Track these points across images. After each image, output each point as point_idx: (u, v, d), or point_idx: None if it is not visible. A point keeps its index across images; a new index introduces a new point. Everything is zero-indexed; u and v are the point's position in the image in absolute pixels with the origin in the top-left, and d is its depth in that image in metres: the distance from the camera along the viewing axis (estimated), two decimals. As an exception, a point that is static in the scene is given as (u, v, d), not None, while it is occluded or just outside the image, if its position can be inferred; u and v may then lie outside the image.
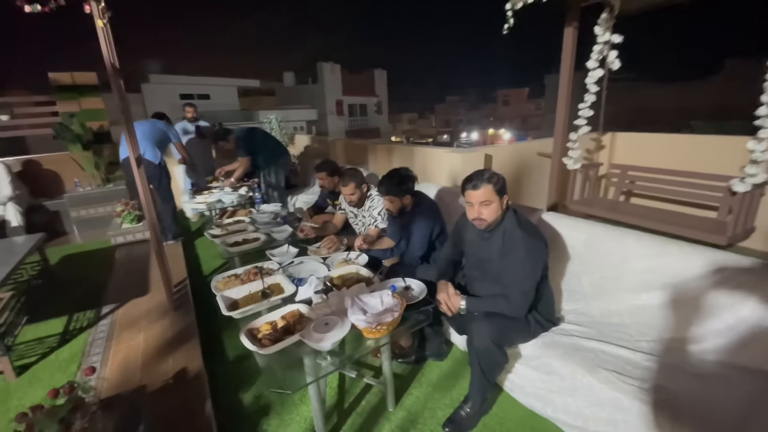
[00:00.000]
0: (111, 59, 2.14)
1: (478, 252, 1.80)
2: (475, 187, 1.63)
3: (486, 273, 1.78)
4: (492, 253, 1.71)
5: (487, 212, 1.63)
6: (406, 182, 2.21)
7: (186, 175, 4.89)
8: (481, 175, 1.64)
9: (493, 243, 1.71)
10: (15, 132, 4.29)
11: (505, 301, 1.62)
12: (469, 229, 1.78)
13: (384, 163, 4.10)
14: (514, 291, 1.61)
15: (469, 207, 1.69)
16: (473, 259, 1.85)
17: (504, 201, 1.67)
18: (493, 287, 1.75)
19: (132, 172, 2.32)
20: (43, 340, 2.28)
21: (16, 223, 3.76)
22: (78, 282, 3.10)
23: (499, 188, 1.63)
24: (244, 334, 1.53)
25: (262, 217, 3.08)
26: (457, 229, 1.95)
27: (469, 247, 1.87)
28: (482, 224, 1.66)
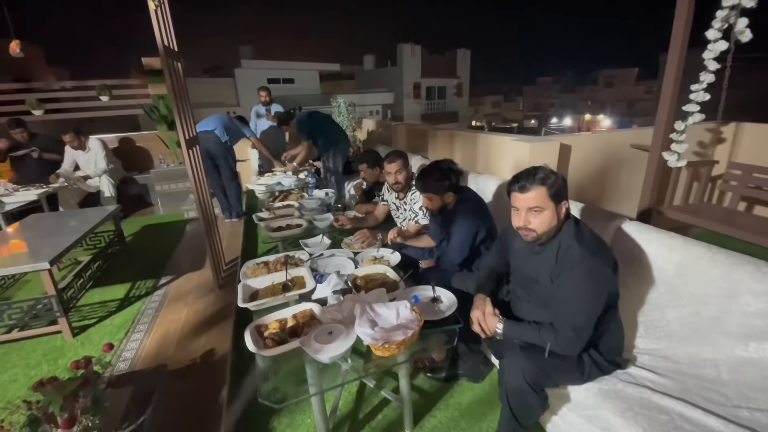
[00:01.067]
0: (165, 41, 2.18)
1: (524, 267, 1.47)
2: (523, 189, 1.30)
3: (532, 294, 1.45)
4: (541, 272, 1.38)
5: (536, 222, 1.31)
6: (447, 178, 1.91)
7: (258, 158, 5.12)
8: (533, 174, 1.30)
9: (543, 259, 1.37)
10: (114, 112, 4.86)
11: (553, 334, 1.29)
12: (518, 237, 1.45)
13: (444, 150, 3.78)
14: (564, 324, 1.27)
15: (514, 213, 1.37)
16: (519, 275, 1.52)
17: (561, 208, 1.32)
18: (539, 313, 1.42)
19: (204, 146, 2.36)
20: (105, 304, 2.52)
21: (108, 194, 4.28)
22: (148, 251, 3.41)
23: (554, 192, 1.28)
24: (250, 330, 1.44)
25: (309, 203, 3.03)
26: (503, 236, 1.63)
27: (515, 260, 1.55)
28: (529, 236, 1.34)
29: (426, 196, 1.96)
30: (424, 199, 2.00)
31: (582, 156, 2.89)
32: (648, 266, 1.62)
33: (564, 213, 1.33)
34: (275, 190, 3.82)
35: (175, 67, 2.31)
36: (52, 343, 2.14)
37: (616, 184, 3.14)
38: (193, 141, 2.49)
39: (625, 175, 3.11)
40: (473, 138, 3.24)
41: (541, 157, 2.55)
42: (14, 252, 2.26)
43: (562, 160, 2.73)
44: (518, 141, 2.61)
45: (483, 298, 1.49)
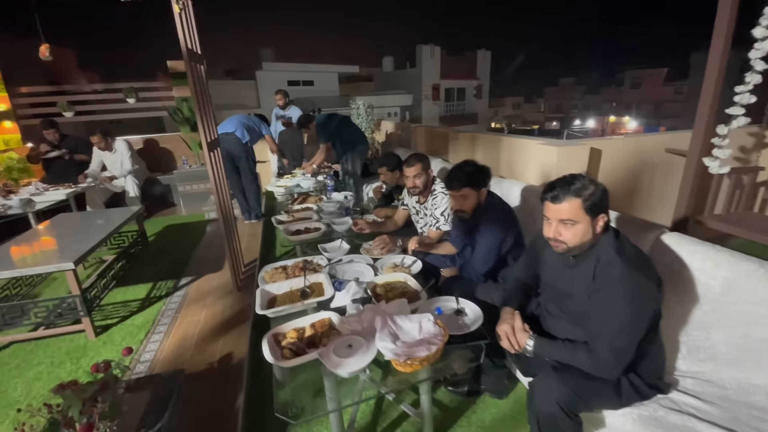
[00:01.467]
0: (189, 44, 2.18)
1: (557, 282, 1.38)
2: (556, 200, 1.22)
3: (565, 311, 1.36)
4: (576, 288, 1.29)
5: (568, 234, 1.22)
6: (484, 174, 1.84)
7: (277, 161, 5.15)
8: (568, 183, 1.21)
9: (579, 274, 1.28)
10: (139, 114, 4.99)
11: (588, 355, 1.20)
12: (549, 249, 1.37)
13: (465, 153, 3.69)
14: (601, 345, 1.17)
15: (546, 222, 1.29)
16: (551, 289, 1.43)
17: (598, 222, 1.22)
18: (573, 330, 1.33)
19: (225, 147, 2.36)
20: (127, 304, 2.55)
21: (133, 194, 4.38)
22: (170, 251, 3.45)
23: (591, 205, 1.19)
24: (267, 338, 1.40)
25: (328, 206, 3.00)
26: (534, 246, 1.54)
27: (546, 273, 1.46)
28: (559, 247, 1.26)
29: (462, 194, 1.84)
30: (458, 198, 1.87)
31: (613, 161, 2.76)
32: (691, 282, 1.50)
33: (601, 227, 1.24)
34: (294, 192, 3.82)
35: (198, 69, 2.31)
36: (75, 341, 2.17)
37: (648, 191, 2.98)
38: (214, 144, 2.49)
39: (659, 181, 2.95)
40: (496, 141, 3.14)
41: (569, 162, 2.45)
42: (43, 250, 2.32)
43: (591, 165, 2.60)
44: (545, 145, 2.51)
45: (511, 312, 1.41)
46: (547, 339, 1.30)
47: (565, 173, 1.33)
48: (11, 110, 4.69)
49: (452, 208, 1.97)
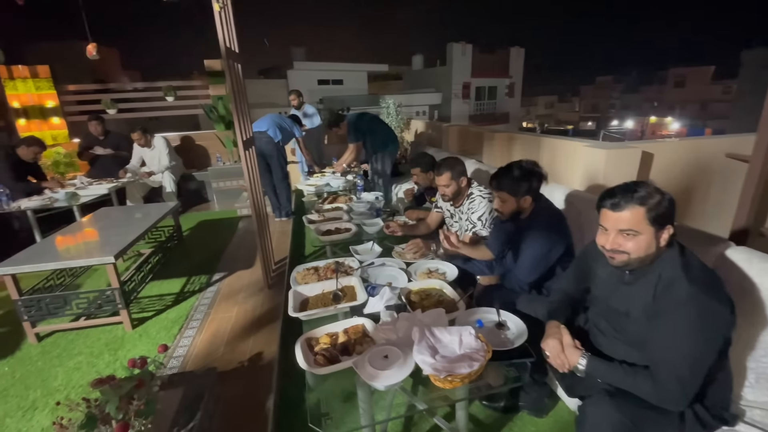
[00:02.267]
0: (227, 43, 2.19)
1: (610, 298, 1.27)
2: (616, 207, 1.11)
3: (620, 331, 1.24)
4: (633, 307, 1.17)
5: (630, 245, 1.11)
6: (529, 179, 1.70)
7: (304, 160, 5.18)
8: (631, 191, 1.10)
9: (637, 292, 1.17)
10: (177, 111, 5.14)
11: (650, 383, 1.08)
12: (602, 262, 1.26)
13: (501, 154, 3.56)
14: (666, 373, 1.06)
15: (601, 232, 1.18)
16: (602, 306, 1.31)
17: (663, 235, 1.10)
18: (629, 352, 1.21)
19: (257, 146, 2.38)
20: (162, 297, 2.60)
21: (169, 189, 4.51)
22: (203, 247, 3.52)
23: (656, 216, 1.08)
24: (300, 343, 1.37)
25: (358, 207, 2.96)
26: (584, 257, 1.42)
27: (598, 288, 1.34)
28: (617, 258, 1.14)
29: (499, 197, 1.74)
30: (496, 200, 1.79)
31: (666, 166, 2.56)
32: (761, 303, 1.35)
33: (666, 240, 1.12)
34: (324, 192, 3.82)
35: (236, 68, 2.32)
36: (113, 333, 2.23)
37: (702, 199, 2.75)
38: (249, 142, 2.50)
39: (716, 189, 2.72)
40: (536, 142, 3.00)
41: (618, 166, 2.28)
42: (86, 243, 2.41)
43: (642, 170, 2.42)
44: (593, 147, 2.35)
45: (557, 326, 1.30)
46: (603, 360, 1.19)
47: (613, 178, 1.22)
48: (59, 107, 4.95)
49: (495, 207, 1.86)
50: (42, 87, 4.83)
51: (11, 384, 1.88)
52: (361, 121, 4.01)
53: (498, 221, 1.87)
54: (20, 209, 3.25)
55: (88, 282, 2.92)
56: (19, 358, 2.08)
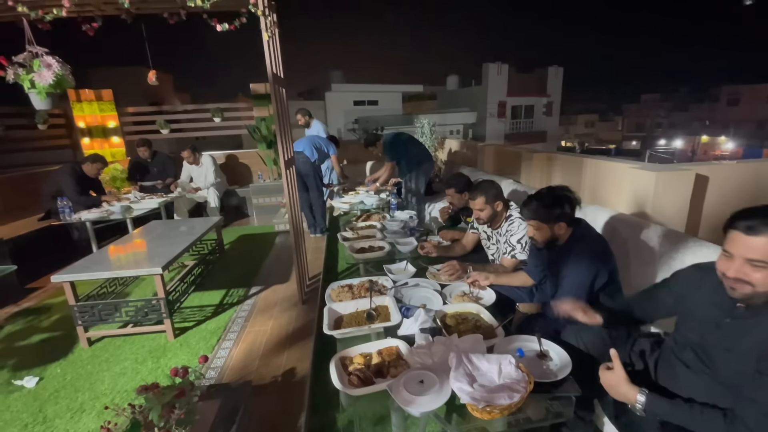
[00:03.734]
0: (274, 69, 2.32)
1: (708, 331, 1.13)
2: (752, 231, 0.96)
3: (712, 366, 1.12)
4: (741, 344, 1.04)
5: (756, 276, 0.97)
6: (560, 205, 1.66)
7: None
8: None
9: (751, 329, 1.03)
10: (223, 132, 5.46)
11: (724, 424, 0.97)
12: (705, 290, 1.14)
13: (540, 175, 3.46)
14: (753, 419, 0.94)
15: (724, 257, 1.04)
16: (695, 337, 1.18)
17: None
18: (713, 389, 1.10)
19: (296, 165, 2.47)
20: (203, 308, 2.70)
21: (213, 204, 4.75)
22: (242, 260, 3.64)
23: None
24: (334, 361, 1.37)
25: (392, 225, 2.97)
26: (677, 284, 1.27)
27: (692, 318, 1.20)
28: (739, 291, 1.00)
29: (532, 224, 1.71)
30: (529, 228, 1.75)
31: (723, 190, 2.38)
32: None
33: None
34: (357, 209, 3.87)
35: (281, 92, 2.44)
36: (157, 341, 2.33)
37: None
38: (290, 161, 2.60)
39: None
40: (577, 163, 2.90)
41: (669, 190, 2.15)
42: (137, 254, 2.57)
43: (696, 195, 2.27)
44: (641, 169, 2.24)
45: (615, 355, 1.18)
46: (670, 400, 1.08)
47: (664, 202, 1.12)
48: (119, 127, 5.39)
49: (528, 234, 1.81)
50: (105, 109, 5.29)
51: (62, 386, 1.99)
52: (396, 141, 4.07)
53: (534, 247, 1.81)
54: (80, 221, 3.53)
55: (136, 291, 3.09)
56: (71, 361, 2.21)
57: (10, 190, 4.12)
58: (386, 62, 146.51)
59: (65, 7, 2.13)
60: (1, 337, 2.52)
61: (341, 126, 20.37)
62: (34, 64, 2.25)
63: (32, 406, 1.85)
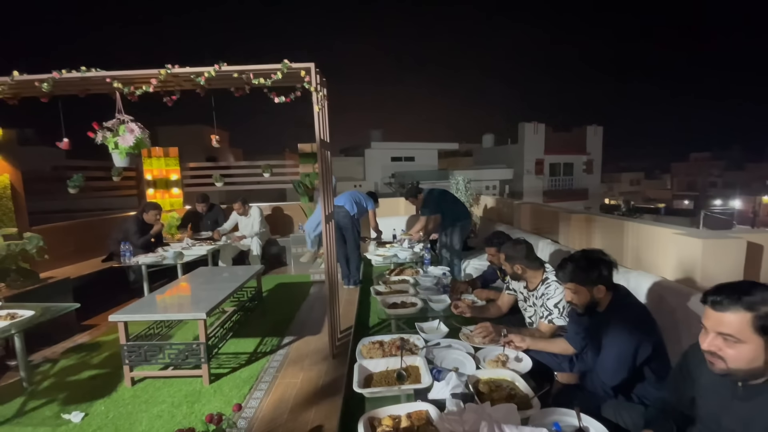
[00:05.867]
0: (322, 135, 2.56)
1: (722, 415, 1.09)
2: (717, 306, 1.01)
3: None
4: (753, 429, 0.99)
5: (729, 352, 0.99)
6: (597, 268, 1.62)
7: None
8: (742, 291, 0.99)
9: (755, 409, 1.00)
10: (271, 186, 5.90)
11: None
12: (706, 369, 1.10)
13: (579, 236, 3.38)
14: None
15: (703, 330, 1.06)
16: (712, 423, 1.12)
17: None
18: None
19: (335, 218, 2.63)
20: (237, 356, 2.77)
21: (256, 252, 5.02)
22: (278, 309, 3.75)
23: (765, 325, 0.95)
24: (363, 422, 1.36)
25: (425, 281, 2.98)
26: (686, 362, 1.24)
27: (705, 400, 1.16)
28: (716, 366, 1.02)
29: (570, 288, 1.66)
30: (567, 292, 1.70)
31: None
32: None
33: None
34: (391, 263, 3.92)
35: (326, 155, 2.67)
36: (192, 385, 2.40)
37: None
38: (330, 216, 2.76)
39: None
40: (618, 226, 2.83)
41: (718, 258, 2.04)
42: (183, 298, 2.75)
43: (751, 264, 2.12)
44: (686, 236, 2.16)
45: None
46: None
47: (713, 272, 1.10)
48: (180, 180, 5.97)
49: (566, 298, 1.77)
50: (170, 164, 5.92)
51: (104, 423, 2.08)
52: (440, 196, 4.26)
53: (574, 313, 1.75)
54: (137, 264, 3.85)
55: (179, 334, 3.24)
56: (114, 399, 2.31)
57: (83, 232, 4.60)
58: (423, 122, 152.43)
59: (153, 84, 2.54)
60: (55, 370, 2.70)
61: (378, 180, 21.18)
62: (120, 129, 2.64)
63: (75, 443, 1.94)
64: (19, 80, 2.48)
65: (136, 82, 2.63)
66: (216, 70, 2.41)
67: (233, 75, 2.45)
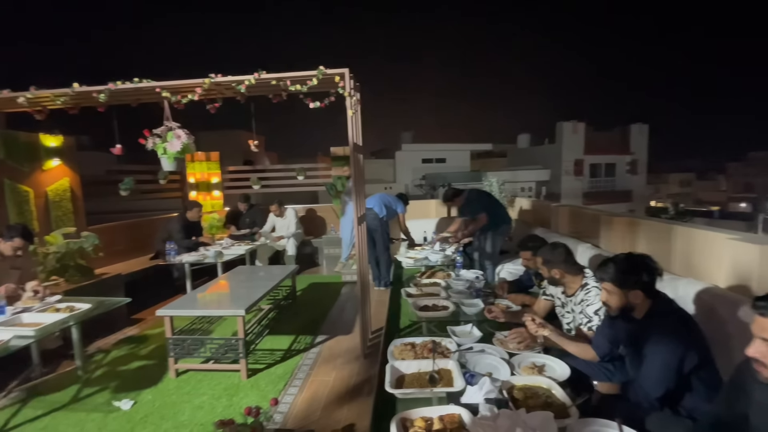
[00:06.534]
0: (354, 138, 2.61)
1: None
2: (765, 312, 0.97)
3: None
4: None
5: None
6: (637, 273, 1.55)
7: None
8: None
9: None
10: (305, 188, 6.06)
11: None
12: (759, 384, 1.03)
13: (622, 241, 3.21)
14: None
15: (754, 340, 1.00)
16: None
17: None
18: None
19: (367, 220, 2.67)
20: (273, 352, 2.86)
21: (291, 253, 5.18)
22: (311, 308, 3.83)
23: None
24: (395, 422, 1.37)
25: (457, 284, 2.95)
26: (739, 377, 1.16)
27: (756, 416, 1.08)
28: (763, 374, 0.99)
29: (606, 288, 1.60)
30: (602, 291, 1.65)
31: None
32: None
33: None
34: (422, 265, 3.90)
35: (358, 158, 2.72)
36: (231, 379, 2.51)
37: None
38: (362, 218, 2.79)
39: None
40: (665, 230, 2.67)
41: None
42: (225, 294, 2.87)
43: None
44: (741, 241, 2.00)
45: None
46: None
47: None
48: (220, 182, 6.26)
49: (601, 299, 1.71)
50: (212, 167, 6.22)
51: (151, 412, 2.22)
52: (483, 196, 4.25)
53: (608, 317, 1.68)
54: (181, 262, 4.07)
55: (218, 329, 3.39)
56: (160, 389, 2.45)
57: (132, 232, 4.94)
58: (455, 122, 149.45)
59: (197, 93, 2.68)
60: (107, 360, 2.91)
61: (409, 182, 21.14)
62: (168, 135, 2.82)
63: (125, 428, 2.08)
64: (78, 91, 2.70)
65: (183, 91, 2.79)
66: (256, 78, 2.51)
67: (271, 82, 2.55)
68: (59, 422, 2.14)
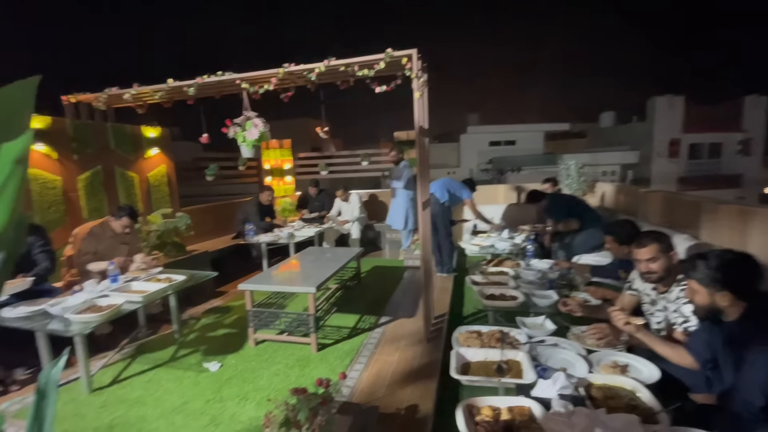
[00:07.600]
0: (420, 122, 2.56)
1: None
2: None
3: None
4: None
5: None
6: (729, 273, 1.36)
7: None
8: None
9: None
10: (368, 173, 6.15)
11: None
12: None
13: (729, 233, 2.76)
14: None
15: None
16: None
17: None
18: None
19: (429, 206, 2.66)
20: (340, 329, 3.00)
21: (355, 236, 5.34)
22: (375, 289, 3.93)
23: None
24: (462, 407, 1.36)
25: (527, 274, 2.79)
26: None
27: None
28: None
29: (691, 285, 1.46)
30: (688, 288, 1.51)
31: None
32: None
33: None
34: (488, 253, 3.76)
35: (424, 142, 2.67)
36: (303, 352, 2.69)
37: None
38: (426, 203, 2.76)
39: None
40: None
41: None
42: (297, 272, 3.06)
43: None
44: None
45: None
46: None
47: None
48: (292, 168, 6.62)
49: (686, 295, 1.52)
50: (284, 154, 6.59)
51: (234, 375, 2.47)
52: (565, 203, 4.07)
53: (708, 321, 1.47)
54: (258, 242, 4.42)
55: (291, 305, 3.64)
56: (242, 356, 2.71)
57: (217, 213, 5.46)
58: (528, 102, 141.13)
59: (273, 83, 2.83)
60: (198, 327, 3.28)
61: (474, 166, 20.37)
62: (246, 124, 3.02)
63: (213, 386, 2.34)
64: (173, 86, 3.01)
65: (260, 82, 2.96)
66: (326, 65, 2.57)
67: (340, 68, 2.59)
68: (161, 377, 2.48)
